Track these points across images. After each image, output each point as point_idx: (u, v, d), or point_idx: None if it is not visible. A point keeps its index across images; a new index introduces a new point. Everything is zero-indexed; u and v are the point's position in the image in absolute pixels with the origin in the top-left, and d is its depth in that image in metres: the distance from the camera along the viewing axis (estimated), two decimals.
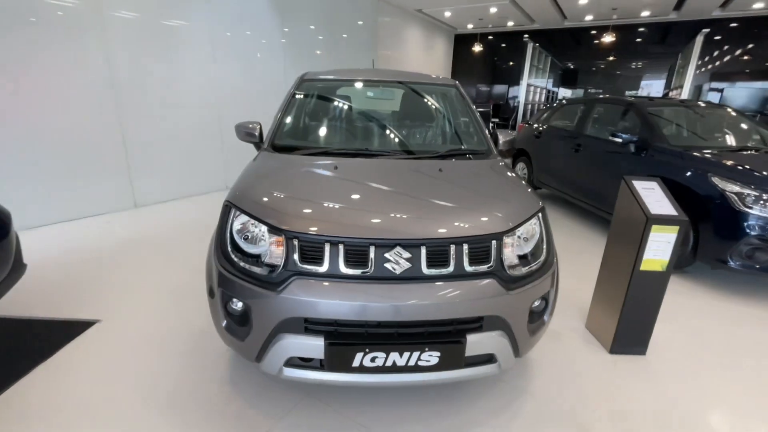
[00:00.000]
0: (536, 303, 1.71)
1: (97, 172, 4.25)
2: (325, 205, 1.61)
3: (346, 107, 2.72)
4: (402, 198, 1.69)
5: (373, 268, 1.45)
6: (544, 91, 11.73)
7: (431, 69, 11.14)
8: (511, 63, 12.73)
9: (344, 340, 1.45)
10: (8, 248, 1.89)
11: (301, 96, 2.63)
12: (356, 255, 1.46)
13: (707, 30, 8.06)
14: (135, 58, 4.38)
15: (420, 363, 1.47)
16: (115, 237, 3.71)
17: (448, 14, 9.71)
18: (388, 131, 2.59)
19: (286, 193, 1.69)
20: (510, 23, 10.41)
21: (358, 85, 2.74)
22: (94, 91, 4.09)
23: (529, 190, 1.94)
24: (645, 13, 8.86)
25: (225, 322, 1.64)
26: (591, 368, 2.12)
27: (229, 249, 1.61)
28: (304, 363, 1.53)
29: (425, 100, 2.82)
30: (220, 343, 2.15)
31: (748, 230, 2.80)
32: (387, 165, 2.03)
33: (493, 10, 9.06)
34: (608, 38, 9.51)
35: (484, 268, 1.52)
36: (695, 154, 3.30)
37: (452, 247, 1.49)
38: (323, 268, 1.46)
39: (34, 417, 1.67)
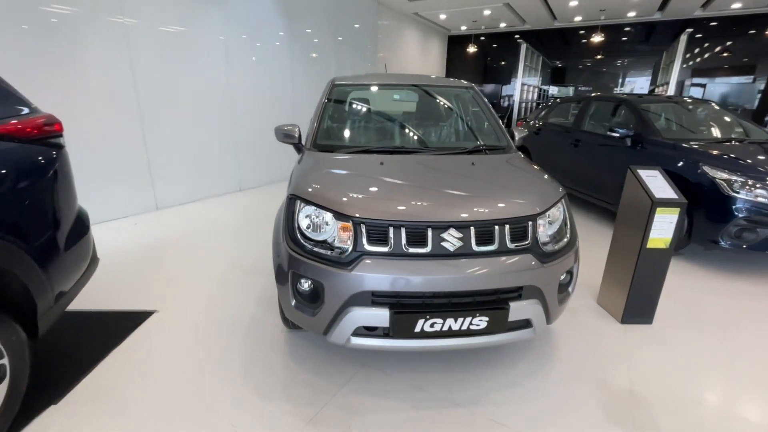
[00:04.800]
0: (563, 276, 1.98)
1: (122, 176, 4.41)
2: (384, 194, 1.85)
3: (376, 109, 2.96)
4: (446, 187, 1.94)
5: (431, 247, 1.70)
6: (536, 89, 12.11)
7: (427, 70, 11.43)
8: (503, 63, 13.09)
9: (407, 309, 1.69)
10: (87, 244, 2.09)
11: (334, 100, 2.86)
12: (416, 236, 1.71)
13: (690, 30, 8.50)
14: (155, 64, 4.55)
15: (471, 327, 1.72)
16: (147, 237, 3.88)
17: (443, 17, 10.01)
18: (417, 130, 2.84)
19: (346, 186, 1.93)
20: (502, 24, 10.75)
21: (385, 88, 2.99)
22: (118, 97, 4.26)
23: (552, 179, 2.20)
24: (631, 14, 9.28)
25: (294, 300, 1.87)
26: (606, 336, 2.40)
27: (298, 235, 1.84)
28: (369, 332, 1.77)
29: (445, 100, 3.08)
30: (273, 327, 2.39)
31: (736, 213, 3.12)
32: (425, 160, 2.28)
33: (487, 12, 9.38)
34: (596, 38, 9.91)
35: (522, 245, 1.78)
36: (686, 145, 3.62)
37: (496, 228, 1.75)
38: (388, 248, 1.70)
39: (119, 399, 1.86)
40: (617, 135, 4.16)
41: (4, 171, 1.59)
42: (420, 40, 10.68)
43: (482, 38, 12.37)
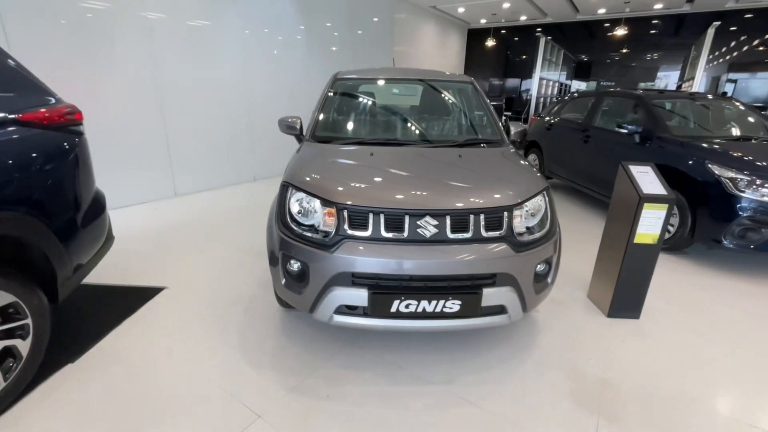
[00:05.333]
0: (540, 266, 2.05)
1: (144, 163, 4.70)
2: (368, 183, 1.97)
3: (375, 102, 3.07)
4: (429, 178, 2.04)
5: (407, 233, 1.81)
6: (557, 84, 11.84)
7: (445, 64, 11.38)
8: (524, 56, 12.86)
9: (384, 290, 1.81)
10: (104, 222, 2.32)
11: (336, 93, 2.99)
12: (394, 222, 1.82)
13: (718, 23, 8.12)
14: (176, 58, 4.80)
15: (445, 310, 1.82)
16: (164, 221, 4.15)
17: (461, 10, 9.93)
18: (412, 123, 2.93)
19: (334, 175, 2.06)
20: (523, 17, 10.56)
21: (385, 82, 3.09)
22: (142, 90, 4.54)
23: (537, 172, 2.26)
24: (658, 6, 8.94)
25: (284, 280, 2.02)
26: (590, 328, 2.44)
27: (288, 219, 1.99)
28: (350, 311, 1.90)
29: (444, 95, 3.16)
30: (269, 306, 2.56)
31: (740, 212, 3.06)
32: (414, 152, 2.38)
33: (506, 5, 9.25)
34: (621, 31, 9.60)
35: (497, 234, 1.87)
36: (694, 143, 3.56)
37: (471, 217, 1.84)
38: (367, 232, 1.82)
39: (127, 361, 2.07)
40: (625, 131, 4.11)
41: (33, 154, 1.81)
42: (438, 33, 10.64)
43: (503, 32, 12.19)
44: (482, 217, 1.85)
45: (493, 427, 1.69)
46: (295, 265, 1.95)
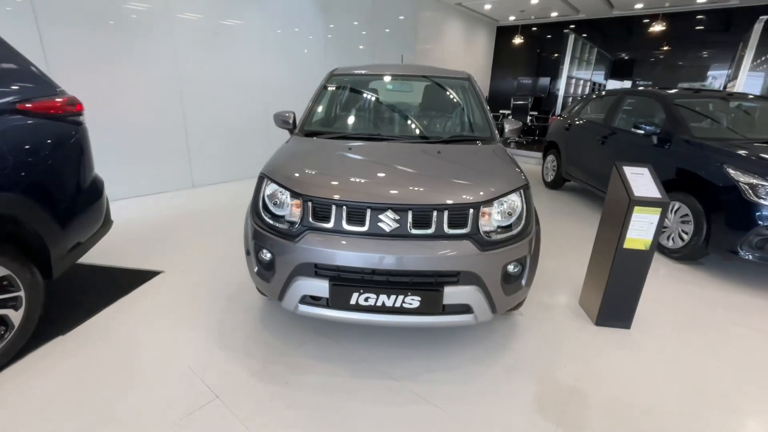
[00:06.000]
0: (512, 267, 1.99)
1: (164, 155, 4.96)
2: (334, 176, 1.99)
3: (367, 98, 3.08)
4: (398, 173, 2.03)
5: (368, 226, 1.81)
6: (589, 83, 11.31)
7: (471, 62, 11.18)
8: (555, 55, 12.38)
9: (344, 282, 1.82)
10: (101, 207, 2.47)
11: (330, 88, 3.03)
12: (356, 215, 1.83)
13: (765, 17, 7.44)
14: (196, 55, 5.03)
15: (404, 305, 1.81)
16: (178, 210, 4.37)
17: (488, 7, 9.71)
18: (400, 119, 2.92)
19: (306, 167, 2.09)
20: (554, 14, 10.17)
21: (379, 78, 3.09)
22: (164, 85, 4.79)
23: (518, 170, 2.18)
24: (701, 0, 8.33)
25: (257, 268, 2.08)
26: (573, 336, 2.34)
27: (261, 210, 2.04)
28: (315, 302, 1.93)
29: (438, 91, 3.12)
30: (253, 294, 2.64)
31: (759, 221, 2.82)
32: (394, 147, 2.37)
33: (534, 1, 8.95)
34: (660, 26, 9.02)
35: (461, 231, 1.83)
36: (713, 145, 3.30)
37: (434, 213, 1.81)
38: (330, 224, 1.84)
39: (113, 337, 2.21)
40: (642, 132, 3.88)
41: (30, 141, 1.97)
42: (464, 31, 10.46)
43: (533, 29, 11.80)
44: (446, 213, 1.82)
45: (444, 427, 1.66)
46: (266, 255, 2.00)
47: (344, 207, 1.83)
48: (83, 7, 4.01)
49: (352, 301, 1.82)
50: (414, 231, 1.80)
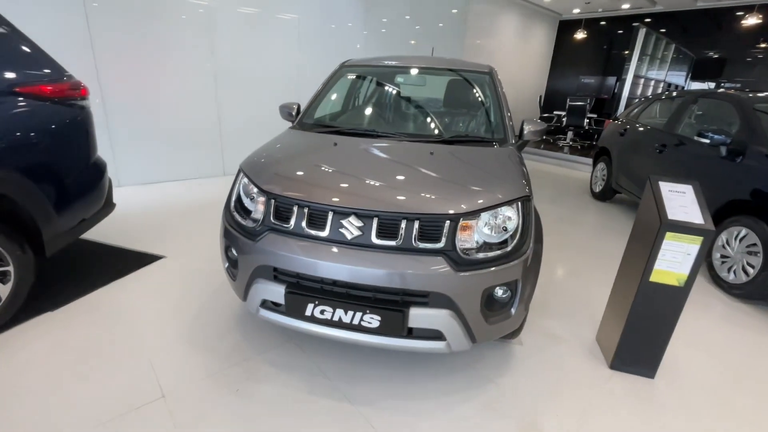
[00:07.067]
0: (500, 291, 1.70)
1: (198, 143, 5.15)
2: (303, 173, 1.83)
3: (372, 92, 2.88)
4: (374, 174, 1.81)
5: (329, 232, 1.63)
6: (662, 84, 10.04)
7: (526, 59, 10.45)
8: (625, 52, 11.19)
9: (301, 291, 1.66)
10: (102, 189, 2.54)
11: (336, 80, 2.87)
12: (318, 218, 1.65)
13: None
14: (232, 47, 5.14)
15: (363, 324, 1.61)
16: (200, 196, 4.49)
17: None
18: (402, 115, 2.68)
19: (281, 162, 1.96)
20: (625, 5, 9.13)
21: (390, 71, 2.87)
22: (201, 76, 4.95)
23: (521, 179, 1.86)
24: None
25: (227, 264, 1.99)
26: (579, 378, 1.98)
27: (232, 205, 1.94)
28: (275, 307, 1.79)
29: (451, 86, 2.82)
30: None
31: None
32: (384, 145, 2.15)
33: None
34: (757, 20, 7.70)
35: (433, 245, 1.58)
36: None
37: (403, 222, 1.58)
38: (290, 226, 1.68)
39: (96, 319, 2.24)
40: (707, 141, 3.27)
41: (28, 122, 2.03)
42: (520, 25, 9.77)
43: (602, 23, 10.74)
44: (417, 224, 1.58)
45: None
46: (233, 252, 1.90)
47: (306, 208, 1.66)
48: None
49: (308, 313, 1.65)
50: (377, 241, 1.59)
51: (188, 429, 1.55)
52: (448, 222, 1.58)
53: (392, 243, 1.58)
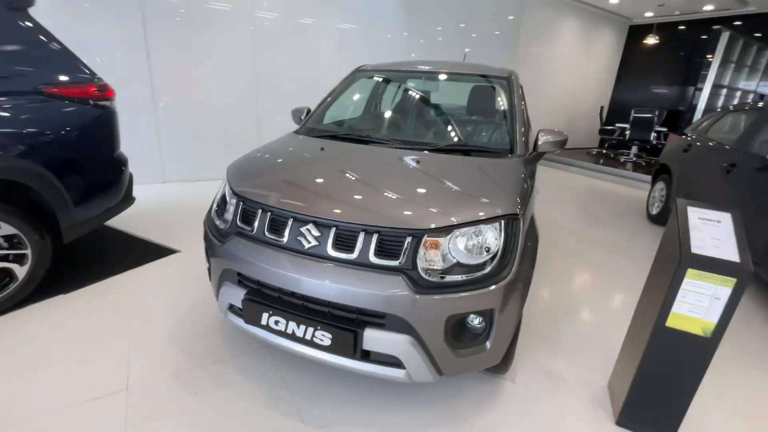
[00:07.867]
0: (475, 320, 1.51)
1: (237, 144, 5.40)
2: (273, 177, 1.78)
3: (380, 97, 2.78)
4: (344, 183, 1.71)
5: (287, 239, 1.55)
6: (752, 94, 8.70)
7: (588, 68, 9.71)
8: (709, 57, 9.95)
9: (258, 298, 1.60)
10: (122, 183, 2.72)
11: (346, 85, 2.82)
12: (279, 224, 1.59)
13: None
14: (273, 51, 5.35)
15: (315, 340, 1.50)
16: None
17: (614, 1, 8.25)
18: (401, 121, 2.54)
19: (260, 166, 1.93)
20: (708, 7, 8.09)
21: (402, 76, 2.76)
22: (242, 80, 5.23)
23: (512, 195, 1.64)
24: None
25: (207, 265, 2.00)
26: (572, 430, 1.69)
27: (214, 206, 1.95)
28: (241, 312, 1.75)
29: (463, 92, 2.63)
30: None
31: None
32: (371, 152, 2.04)
33: None
34: None
35: (390, 262, 1.43)
36: None
37: (362, 235, 1.46)
38: (252, 230, 1.64)
39: (113, 302, 2.39)
40: None
41: (52, 120, 2.23)
42: (581, 31, 9.09)
43: (680, 27, 9.64)
44: (375, 237, 1.44)
45: None
46: (208, 251, 1.91)
47: (269, 213, 1.61)
48: (181, 6, 4.58)
49: (263, 322, 1.59)
50: (333, 253, 1.48)
51: (140, 427, 1.55)
52: (409, 238, 1.43)
53: (348, 256, 1.46)
